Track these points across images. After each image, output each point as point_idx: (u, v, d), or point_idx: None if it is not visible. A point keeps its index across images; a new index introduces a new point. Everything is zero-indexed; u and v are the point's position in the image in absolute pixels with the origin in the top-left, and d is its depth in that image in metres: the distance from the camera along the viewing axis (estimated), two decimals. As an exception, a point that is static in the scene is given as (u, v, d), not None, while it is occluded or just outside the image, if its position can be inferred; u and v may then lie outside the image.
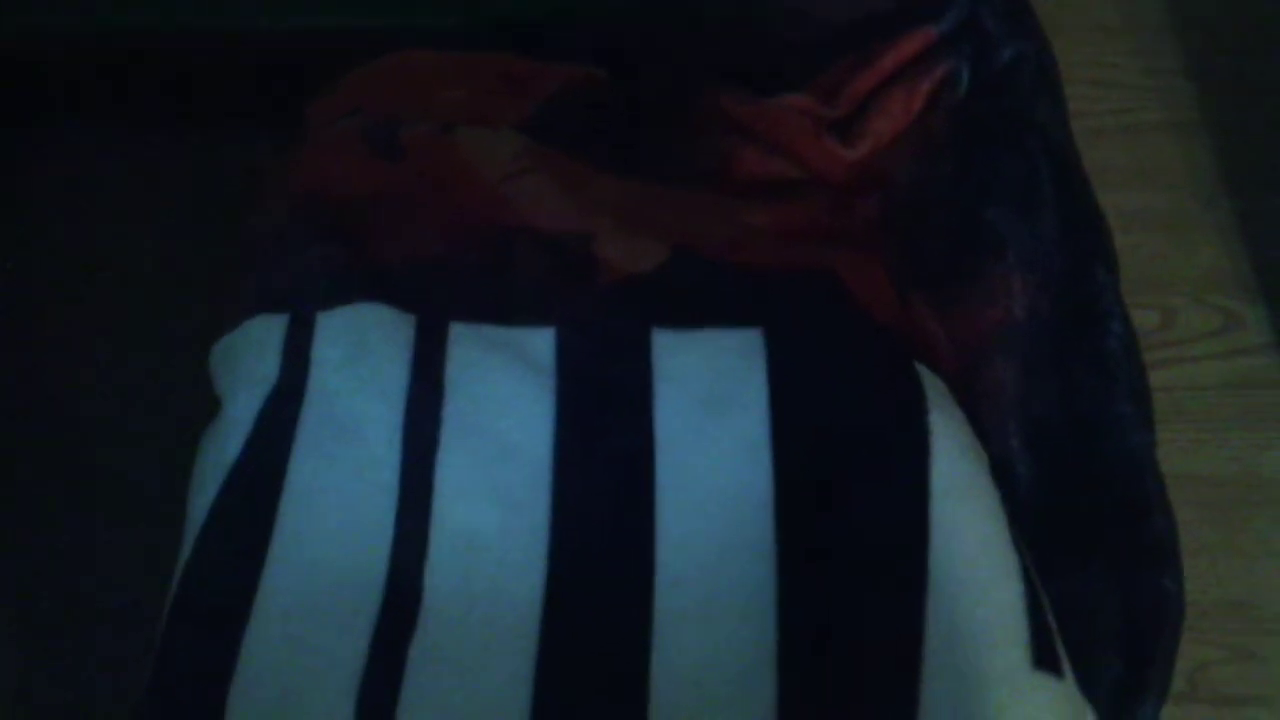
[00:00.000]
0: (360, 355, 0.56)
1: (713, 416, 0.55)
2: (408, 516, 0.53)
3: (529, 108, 0.68)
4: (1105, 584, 0.56)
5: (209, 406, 0.59)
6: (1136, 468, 0.59)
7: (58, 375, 0.80)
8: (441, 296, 0.59)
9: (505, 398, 0.56)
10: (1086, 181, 0.67)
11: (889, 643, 0.49)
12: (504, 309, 0.59)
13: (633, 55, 0.74)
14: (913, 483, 0.52)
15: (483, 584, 0.52)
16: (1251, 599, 0.58)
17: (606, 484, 0.55)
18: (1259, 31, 0.74)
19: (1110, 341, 0.62)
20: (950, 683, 0.48)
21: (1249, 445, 0.61)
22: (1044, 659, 0.49)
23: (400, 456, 0.54)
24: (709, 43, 0.75)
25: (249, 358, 0.57)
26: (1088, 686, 0.52)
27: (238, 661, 0.50)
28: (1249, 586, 0.58)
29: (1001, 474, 0.58)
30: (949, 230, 0.65)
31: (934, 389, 0.56)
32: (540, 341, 0.58)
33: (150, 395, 0.77)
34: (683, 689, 0.50)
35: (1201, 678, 0.56)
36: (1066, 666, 0.51)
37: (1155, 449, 0.60)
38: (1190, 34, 0.74)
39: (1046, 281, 0.64)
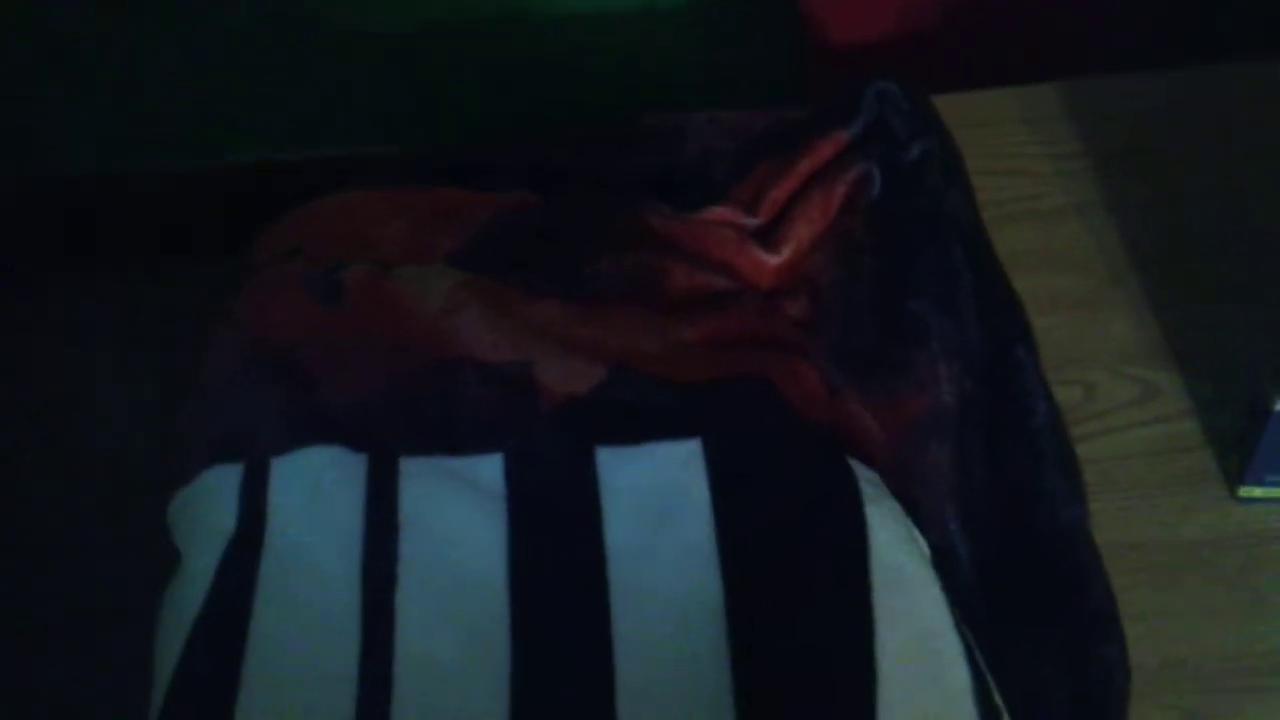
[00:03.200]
0: (315, 499, 0.58)
1: (660, 528, 0.57)
2: (371, 656, 0.54)
3: (464, 238, 0.71)
4: (1051, 659, 0.58)
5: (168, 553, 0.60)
6: (1071, 541, 0.61)
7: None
8: (391, 433, 0.61)
9: (459, 528, 0.58)
10: (1000, 267, 0.71)
11: (844, 737, 0.51)
12: (452, 439, 0.61)
13: (566, 174, 0.77)
14: (854, 579, 0.54)
15: (448, 713, 0.54)
16: (1191, 659, 0.59)
17: (562, 603, 0.56)
18: (1151, 111, 0.78)
19: (1036, 419, 0.65)
20: (905, 772, 0.50)
21: (1175, 509, 0.64)
22: (994, 740, 0.51)
23: (360, 597, 0.56)
24: (637, 155, 0.78)
25: (206, 510, 0.59)
26: (1041, 761, 0.54)
27: None
28: (1188, 647, 0.60)
29: (943, 557, 0.61)
30: (874, 324, 0.68)
31: (868, 483, 0.59)
32: (489, 469, 0.60)
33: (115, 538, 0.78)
34: (651, 800, 0.52)
35: (1153, 741, 0.58)
36: (1017, 746, 0.52)
37: (1089, 520, 0.62)
38: (1086, 119, 0.78)
39: (971, 366, 0.67)
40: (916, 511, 0.62)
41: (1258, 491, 0.63)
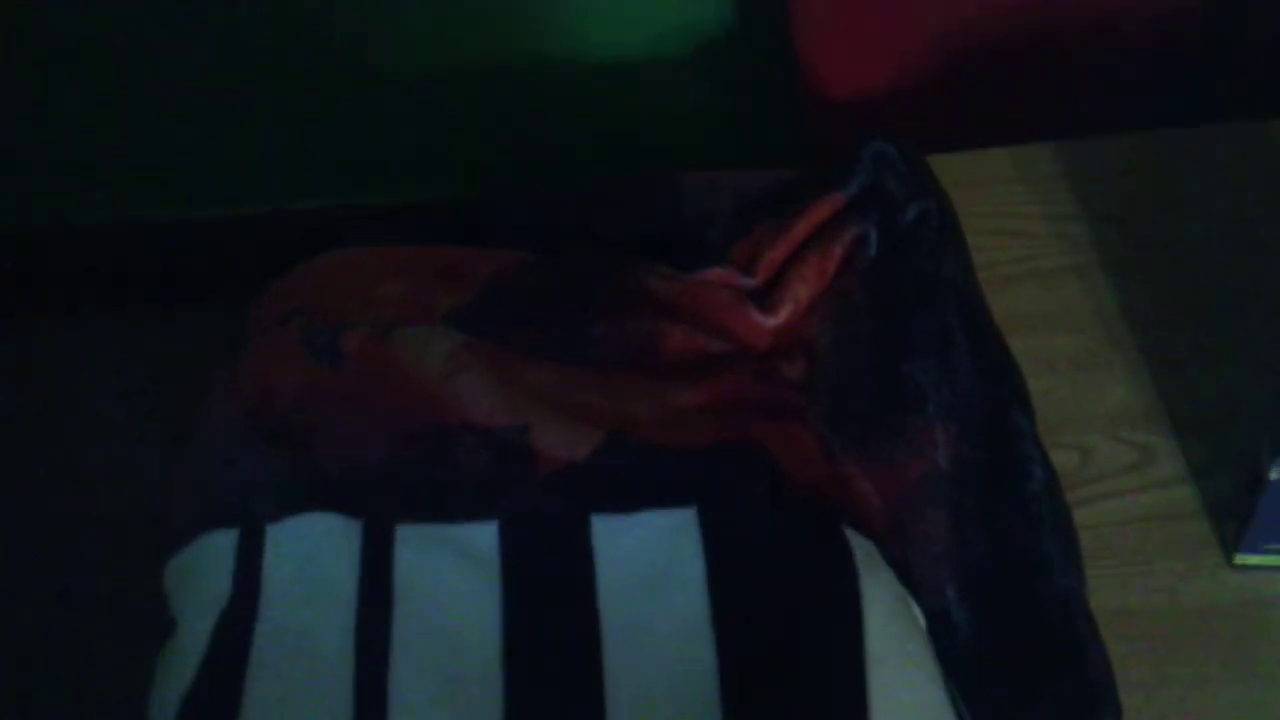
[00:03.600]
0: (310, 567, 0.58)
1: (654, 597, 0.57)
2: (364, 726, 0.54)
3: (463, 297, 0.71)
4: (1047, 728, 0.58)
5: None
6: (1068, 610, 0.61)
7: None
8: (386, 499, 0.61)
9: (453, 596, 0.58)
10: (997, 329, 0.71)
11: (839, 812, 0.51)
12: (447, 506, 0.61)
13: (560, 230, 0.78)
14: (848, 651, 0.54)
15: (441, 792, 0.53)
16: (1188, 729, 0.59)
17: (556, 673, 0.56)
18: (1148, 171, 0.79)
19: (1032, 485, 0.65)
20: None
21: (1172, 575, 0.64)
22: (988, 817, 0.51)
23: (353, 666, 0.56)
24: (636, 216, 0.79)
25: (201, 577, 0.59)
26: (1037, 836, 0.54)
27: None
28: (1184, 716, 0.60)
29: (939, 624, 0.60)
30: (870, 387, 0.68)
31: (863, 552, 0.59)
32: (484, 536, 0.60)
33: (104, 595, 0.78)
34: None
35: (1151, 813, 0.57)
36: (1013, 823, 0.52)
37: (1085, 589, 0.62)
38: (1082, 179, 0.78)
39: (967, 430, 0.67)
40: (912, 577, 0.62)
41: (1254, 559, 0.63)
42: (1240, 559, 0.63)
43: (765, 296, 0.71)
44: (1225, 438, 0.67)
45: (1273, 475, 0.58)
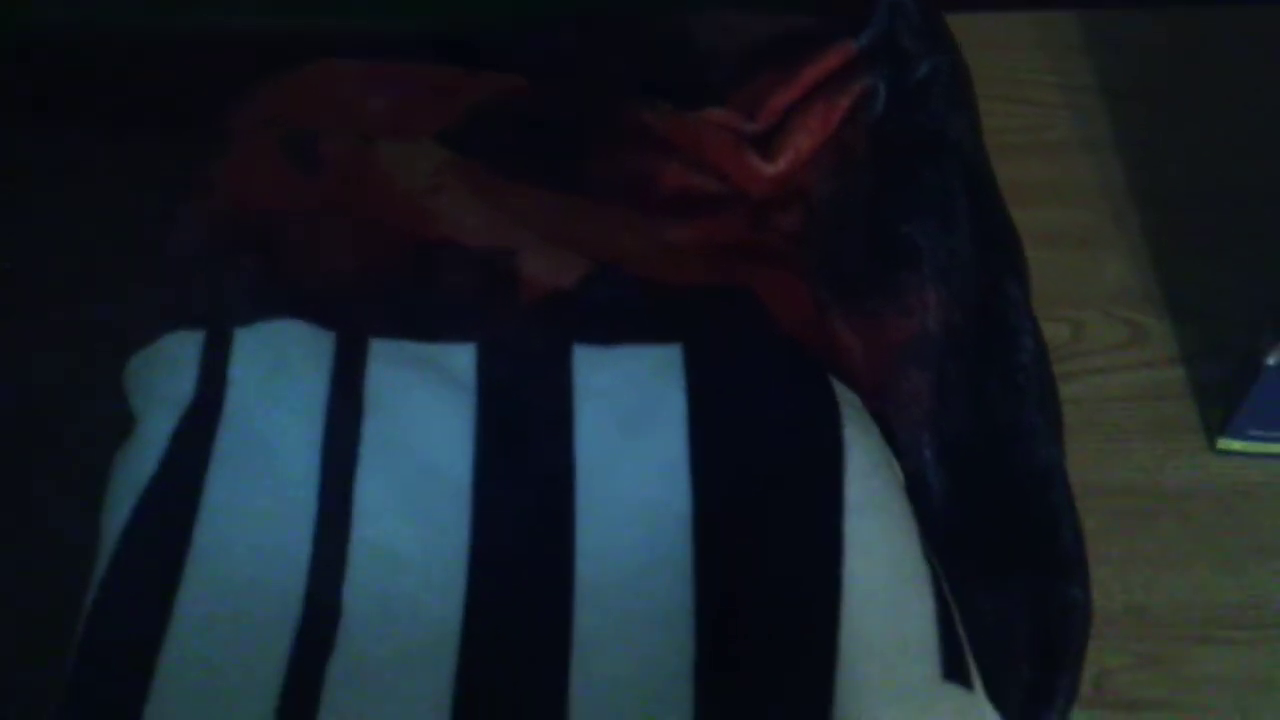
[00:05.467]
0: (278, 372, 0.56)
1: (632, 434, 0.56)
2: (326, 536, 0.53)
3: (451, 119, 0.68)
4: (1015, 594, 0.57)
5: (122, 420, 0.58)
6: (1046, 480, 0.60)
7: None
8: (361, 312, 0.59)
9: (426, 415, 0.56)
10: (1000, 197, 0.69)
11: (803, 656, 0.50)
12: (425, 325, 0.59)
13: (559, 66, 0.74)
14: (827, 499, 0.53)
15: (402, 604, 0.52)
16: (1154, 605, 0.59)
17: (526, 502, 0.55)
18: (1170, 49, 0.76)
19: (1021, 356, 0.64)
20: (862, 696, 0.49)
21: (1153, 456, 0.63)
22: (953, 671, 0.51)
23: (319, 475, 0.54)
24: (635, 52, 0.75)
25: (164, 375, 0.56)
26: (996, 695, 0.53)
27: (153, 682, 0.50)
28: (1152, 593, 0.59)
29: (915, 486, 0.60)
30: (866, 244, 0.66)
31: (848, 403, 0.57)
32: (461, 358, 0.58)
33: (66, 398, 0.76)
34: (601, 704, 0.51)
35: (1107, 683, 0.57)
36: (976, 677, 0.52)
37: (1065, 460, 0.62)
38: (1102, 52, 0.76)
39: (960, 295, 0.65)
40: (891, 438, 0.61)
41: (1236, 445, 0.63)
42: (1223, 444, 0.63)
43: (766, 142, 0.69)
44: (1219, 324, 0.66)
45: (1270, 361, 0.57)
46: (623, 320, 0.59)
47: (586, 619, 0.52)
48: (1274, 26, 0.76)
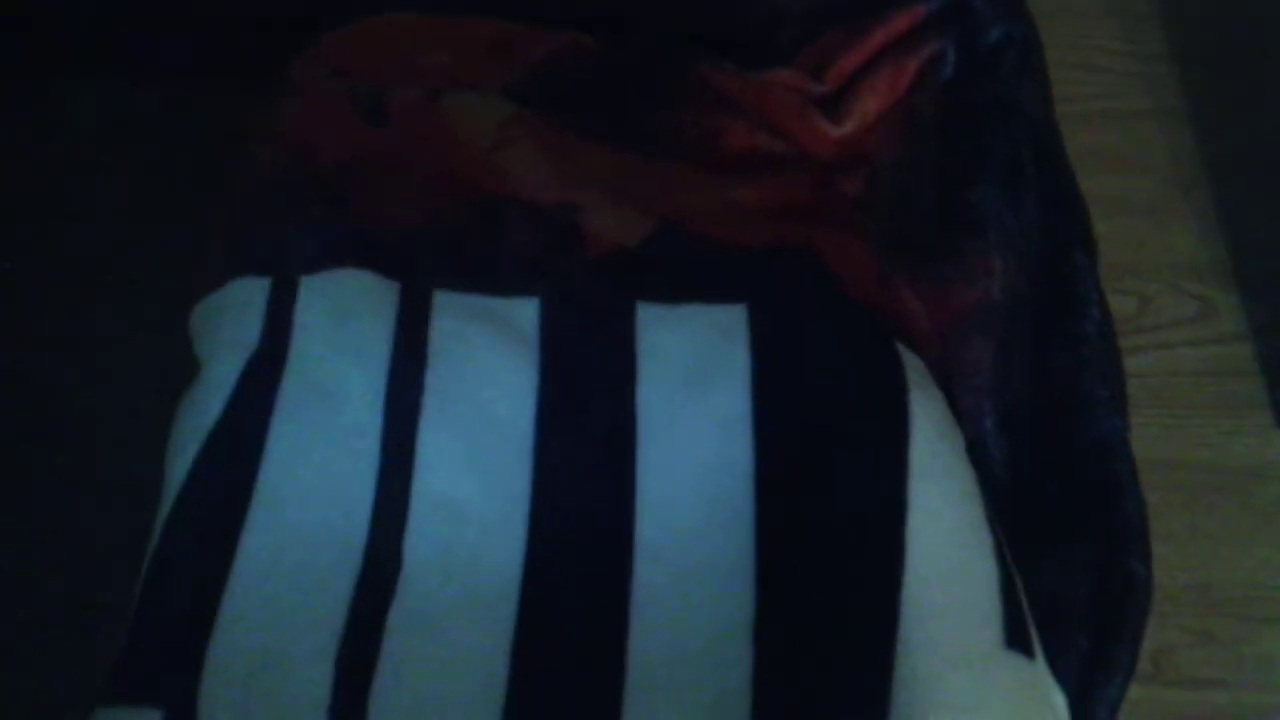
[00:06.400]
0: (343, 321, 0.56)
1: (695, 392, 0.56)
2: (388, 484, 0.53)
3: (515, 75, 0.68)
4: (1076, 566, 0.57)
5: (186, 370, 0.58)
6: (1109, 452, 0.59)
7: (25, 336, 0.78)
8: (426, 264, 0.59)
9: (488, 368, 0.56)
10: (1068, 166, 0.68)
11: (864, 618, 0.50)
12: (489, 278, 0.59)
13: (623, 23, 0.74)
14: (892, 462, 0.52)
15: (463, 553, 0.52)
16: (1215, 584, 0.59)
17: (588, 457, 0.55)
18: (1244, 21, 0.74)
19: (1087, 326, 0.63)
20: (923, 659, 0.49)
21: (1219, 432, 0.62)
22: (1016, 639, 0.50)
23: (381, 423, 0.54)
24: (701, 11, 0.75)
25: (230, 320, 0.57)
26: (1056, 666, 0.53)
27: (216, 620, 0.50)
28: (1213, 571, 0.59)
29: (976, 454, 0.59)
30: (932, 210, 0.66)
31: (914, 369, 0.57)
32: (525, 312, 0.58)
33: (121, 356, 0.76)
34: (660, 657, 0.51)
35: (1165, 660, 0.57)
36: (1038, 647, 0.51)
37: (1128, 433, 0.61)
38: (1175, 22, 0.74)
39: (1025, 264, 0.64)
40: (954, 406, 0.60)
41: (1305, 423, 0.62)
42: (1291, 422, 0.62)
43: (833, 105, 0.68)
44: (1291, 299, 0.65)
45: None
46: (687, 279, 0.58)
47: (646, 573, 0.52)
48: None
